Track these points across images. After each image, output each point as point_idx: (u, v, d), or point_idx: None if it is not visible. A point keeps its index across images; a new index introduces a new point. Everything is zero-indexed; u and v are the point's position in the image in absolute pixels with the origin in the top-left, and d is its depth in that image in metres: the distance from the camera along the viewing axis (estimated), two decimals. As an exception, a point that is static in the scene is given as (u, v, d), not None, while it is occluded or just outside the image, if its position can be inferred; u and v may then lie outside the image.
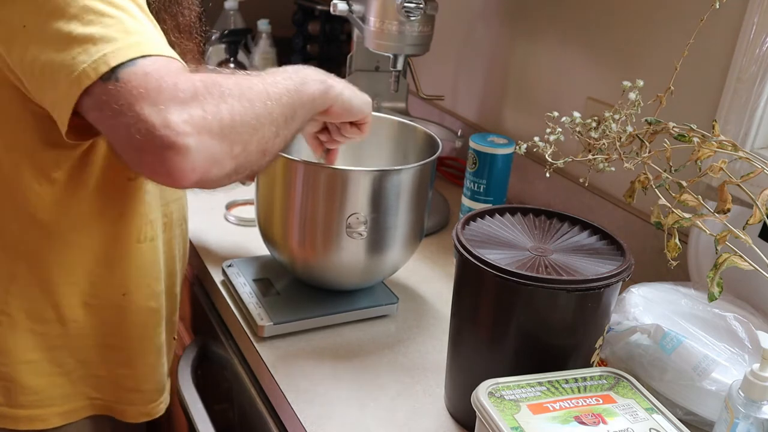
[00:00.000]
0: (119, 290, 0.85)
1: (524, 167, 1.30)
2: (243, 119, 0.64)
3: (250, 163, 0.66)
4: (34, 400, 0.84)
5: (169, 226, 0.91)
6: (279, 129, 0.68)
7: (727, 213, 0.67)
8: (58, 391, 0.86)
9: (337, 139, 0.89)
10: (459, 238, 0.74)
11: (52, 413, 0.86)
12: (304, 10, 1.84)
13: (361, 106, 0.83)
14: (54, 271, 0.81)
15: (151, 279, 0.88)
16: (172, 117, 0.58)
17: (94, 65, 0.60)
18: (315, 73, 0.77)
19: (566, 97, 1.24)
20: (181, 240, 0.96)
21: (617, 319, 0.83)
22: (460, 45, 1.52)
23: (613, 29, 1.14)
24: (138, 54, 0.61)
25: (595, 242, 0.77)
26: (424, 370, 0.87)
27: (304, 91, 0.73)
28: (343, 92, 0.80)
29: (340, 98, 0.79)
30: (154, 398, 0.95)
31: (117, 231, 0.83)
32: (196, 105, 0.60)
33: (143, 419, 0.94)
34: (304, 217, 0.89)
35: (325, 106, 0.78)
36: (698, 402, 0.77)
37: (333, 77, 0.80)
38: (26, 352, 0.82)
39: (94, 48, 0.61)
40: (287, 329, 0.90)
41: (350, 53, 1.33)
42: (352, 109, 0.82)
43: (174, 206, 0.92)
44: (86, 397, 0.89)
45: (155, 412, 0.95)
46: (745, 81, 0.91)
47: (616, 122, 0.73)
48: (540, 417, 0.63)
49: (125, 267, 0.85)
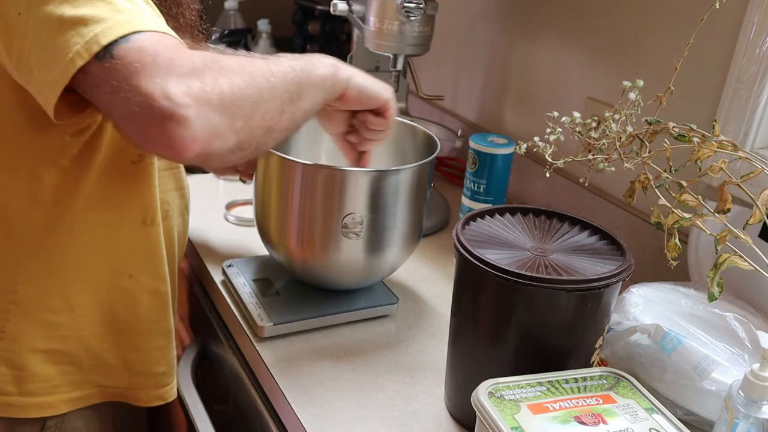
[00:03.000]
0: (126, 272, 0.86)
1: (524, 167, 1.30)
2: (244, 93, 0.64)
3: (254, 139, 0.66)
4: (44, 387, 0.84)
5: (170, 213, 0.92)
6: (284, 106, 0.68)
7: (727, 213, 0.67)
8: (68, 378, 0.86)
9: (366, 137, 0.87)
10: (459, 238, 0.74)
11: (61, 400, 0.86)
12: (304, 10, 1.84)
13: (379, 90, 0.82)
14: (59, 258, 0.81)
15: (157, 262, 0.89)
16: (170, 88, 0.59)
17: (86, 46, 0.61)
18: (324, 57, 0.76)
19: (566, 97, 1.24)
20: (183, 229, 0.97)
21: (617, 319, 0.83)
22: (460, 45, 1.52)
23: (613, 29, 1.14)
24: (129, 30, 0.61)
25: (595, 242, 0.77)
26: (424, 370, 0.87)
27: (311, 71, 0.72)
28: (355, 76, 0.79)
29: (354, 81, 0.78)
30: (166, 381, 0.95)
31: (122, 214, 0.83)
32: (195, 78, 0.60)
33: (156, 402, 0.95)
34: (302, 217, 0.89)
35: (337, 89, 0.77)
36: (698, 402, 0.77)
37: (346, 64, 0.79)
38: (36, 340, 0.83)
39: (85, 29, 0.61)
40: (287, 329, 0.90)
41: (350, 53, 1.33)
42: (370, 93, 0.80)
43: (175, 195, 0.92)
44: (96, 385, 0.89)
45: (168, 395, 0.95)
46: (745, 81, 0.91)
47: (616, 122, 0.73)
48: (540, 417, 0.63)
49: (131, 249, 0.85)
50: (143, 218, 0.85)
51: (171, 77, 0.59)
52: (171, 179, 0.92)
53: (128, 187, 0.83)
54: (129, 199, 0.83)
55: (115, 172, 0.81)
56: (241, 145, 0.65)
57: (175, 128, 0.59)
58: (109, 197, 0.82)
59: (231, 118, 0.62)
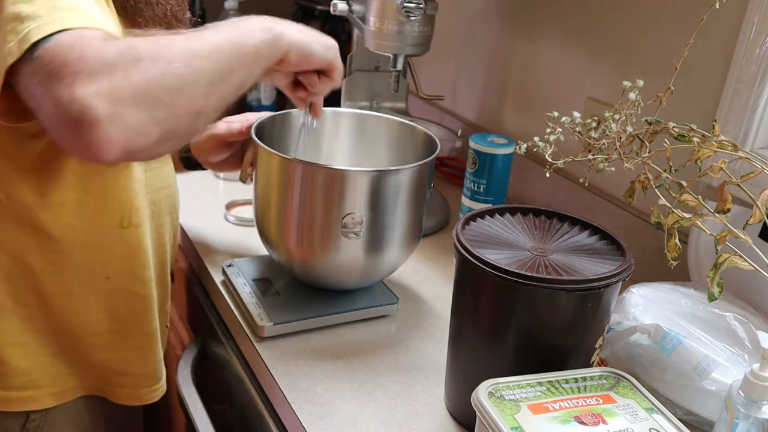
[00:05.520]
0: (102, 275, 0.85)
1: (524, 167, 1.30)
2: (161, 82, 0.61)
3: (182, 126, 0.64)
4: (25, 381, 0.85)
5: (158, 213, 0.91)
6: (211, 87, 0.65)
7: (727, 213, 0.67)
8: (49, 371, 0.86)
9: (313, 91, 0.85)
10: (459, 238, 0.74)
11: (45, 394, 0.87)
12: (304, 10, 1.84)
13: (323, 51, 0.78)
14: (34, 259, 0.81)
15: (136, 265, 0.87)
16: (78, 91, 0.56)
17: (18, 43, 0.59)
18: (260, 22, 0.72)
19: (566, 97, 1.24)
20: (171, 228, 0.96)
21: (617, 319, 0.83)
22: (460, 45, 1.52)
23: (613, 29, 1.14)
24: (57, 28, 0.59)
25: (595, 242, 0.77)
26: (424, 370, 0.87)
27: (244, 43, 0.69)
28: (297, 38, 0.74)
29: (295, 45, 0.74)
30: (146, 383, 0.95)
31: (98, 219, 0.82)
32: (104, 75, 0.58)
33: (134, 403, 0.95)
34: (301, 217, 0.89)
35: (276, 55, 0.73)
36: (698, 402, 0.77)
37: (285, 23, 0.75)
38: (14, 333, 0.83)
39: (21, 26, 0.60)
40: (287, 329, 0.90)
41: (350, 53, 1.33)
42: (312, 55, 0.77)
43: (162, 194, 0.92)
44: (77, 378, 0.89)
45: (148, 397, 0.95)
46: (745, 81, 0.91)
47: (616, 122, 0.73)
48: (540, 417, 0.63)
49: (108, 253, 0.85)
50: (120, 222, 0.84)
51: (79, 78, 0.57)
52: (158, 179, 0.91)
53: (103, 191, 0.82)
54: (104, 203, 0.82)
55: (89, 176, 0.80)
56: (167, 135, 0.62)
57: (88, 132, 0.57)
58: (84, 203, 0.81)
59: (149, 110, 0.60)
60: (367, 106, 1.31)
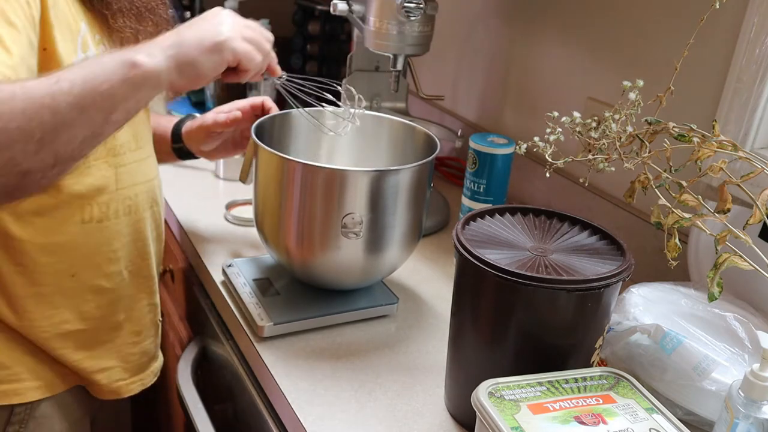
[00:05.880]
0: (67, 273, 0.86)
1: (524, 167, 1.30)
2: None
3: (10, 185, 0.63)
4: (5, 375, 0.85)
5: (135, 208, 0.92)
6: (43, 143, 0.62)
7: (727, 213, 0.67)
8: (27, 366, 0.87)
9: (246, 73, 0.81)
10: (459, 238, 0.74)
11: (27, 387, 0.87)
12: (304, 10, 1.84)
13: (212, 60, 0.71)
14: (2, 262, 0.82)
15: (101, 259, 0.89)
16: None
17: None
18: (118, 57, 0.67)
19: (566, 97, 1.24)
20: (153, 222, 0.97)
21: (617, 319, 0.83)
22: (460, 45, 1.52)
23: (613, 29, 1.14)
24: None
25: (595, 242, 0.77)
26: (424, 370, 0.87)
27: (96, 90, 0.64)
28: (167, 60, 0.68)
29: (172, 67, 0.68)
30: (120, 377, 0.95)
31: (58, 214, 0.83)
32: None
33: (112, 397, 0.95)
34: (301, 217, 0.89)
35: (151, 83, 0.68)
36: (698, 402, 0.77)
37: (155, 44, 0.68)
38: None
39: None
40: (287, 329, 0.90)
41: (350, 53, 1.33)
42: (199, 71, 0.71)
43: (140, 188, 0.92)
44: (56, 372, 0.90)
45: (123, 391, 0.96)
46: (745, 81, 0.91)
47: (616, 122, 0.73)
48: (540, 417, 0.63)
49: (72, 249, 0.86)
50: (81, 218, 0.85)
51: None
52: (133, 174, 0.91)
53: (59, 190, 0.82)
54: (63, 200, 0.83)
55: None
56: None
57: None
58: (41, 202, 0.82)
59: None
60: (367, 106, 1.31)
